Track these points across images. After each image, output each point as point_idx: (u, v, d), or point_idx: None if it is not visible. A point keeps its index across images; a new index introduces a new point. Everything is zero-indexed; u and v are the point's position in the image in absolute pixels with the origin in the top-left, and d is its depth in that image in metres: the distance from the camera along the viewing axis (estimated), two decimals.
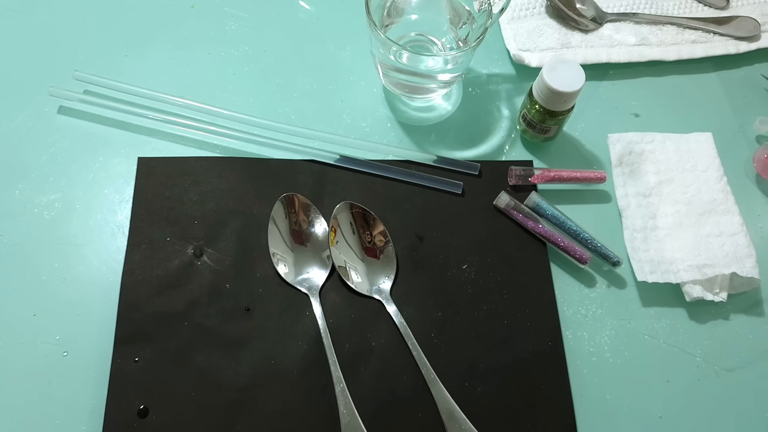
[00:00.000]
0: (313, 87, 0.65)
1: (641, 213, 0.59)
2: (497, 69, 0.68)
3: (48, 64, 0.63)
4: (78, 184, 0.58)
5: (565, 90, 0.55)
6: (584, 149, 0.64)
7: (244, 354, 0.52)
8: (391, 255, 0.56)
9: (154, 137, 0.61)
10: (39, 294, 0.53)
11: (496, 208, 0.59)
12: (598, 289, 0.57)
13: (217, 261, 0.55)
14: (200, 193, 0.57)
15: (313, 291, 0.54)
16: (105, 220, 0.57)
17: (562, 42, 0.67)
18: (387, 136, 0.63)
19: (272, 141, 0.60)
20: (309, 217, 0.56)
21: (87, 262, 0.55)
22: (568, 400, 0.52)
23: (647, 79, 0.68)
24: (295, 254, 0.55)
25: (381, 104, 0.65)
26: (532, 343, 0.54)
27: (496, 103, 0.65)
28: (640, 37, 0.68)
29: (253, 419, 0.49)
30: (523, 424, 0.51)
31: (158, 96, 0.61)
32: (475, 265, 0.56)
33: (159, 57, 0.65)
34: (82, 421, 0.49)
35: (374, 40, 0.57)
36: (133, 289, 0.53)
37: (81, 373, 0.51)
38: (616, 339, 0.55)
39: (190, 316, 0.52)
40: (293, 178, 0.59)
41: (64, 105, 0.61)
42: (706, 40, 0.69)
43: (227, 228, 0.56)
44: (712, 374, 0.54)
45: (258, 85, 0.65)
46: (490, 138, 0.64)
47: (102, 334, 0.52)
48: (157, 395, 0.50)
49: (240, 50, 0.66)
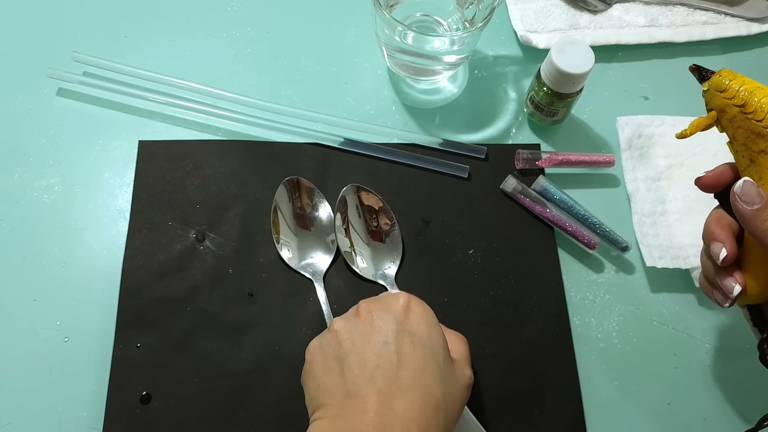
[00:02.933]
0: (317, 69, 0.64)
1: (650, 197, 0.58)
2: (504, 50, 0.66)
3: (47, 45, 0.62)
4: (78, 167, 0.57)
5: (575, 71, 0.54)
6: (592, 132, 0.62)
7: (247, 340, 0.51)
8: (397, 239, 0.55)
9: (154, 120, 0.60)
10: (39, 279, 0.52)
11: (502, 193, 0.58)
12: (606, 275, 0.56)
13: (220, 246, 0.54)
14: (202, 177, 0.57)
15: (317, 276, 0.53)
16: (105, 204, 0.56)
17: (570, 23, 0.66)
18: (392, 119, 0.62)
19: (275, 124, 0.59)
20: (313, 201, 0.56)
21: (87, 246, 0.54)
22: (575, 387, 0.51)
23: (657, 61, 0.67)
24: (299, 239, 0.54)
25: (386, 87, 0.64)
26: (539, 329, 0.53)
27: (502, 85, 0.64)
28: (650, 18, 0.67)
29: (257, 405, 0.49)
30: (530, 411, 0.50)
31: (159, 78, 0.60)
32: (481, 250, 0.56)
33: (159, 38, 0.64)
34: (83, 408, 0.48)
35: (379, 21, 0.56)
36: (134, 274, 0.52)
37: (82, 359, 0.50)
38: (624, 325, 0.54)
39: (192, 302, 0.52)
40: (297, 161, 0.58)
41: (63, 87, 0.60)
42: (717, 22, 0.68)
43: (230, 212, 0.55)
44: (721, 361, 0.54)
45: (260, 67, 0.63)
46: (496, 121, 0.62)
47: (103, 319, 0.51)
48: (160, 381, 0.49)
49: (242, 31, 0.65)
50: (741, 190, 0.39)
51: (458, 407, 0.41)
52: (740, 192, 0.39)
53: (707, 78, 0.41)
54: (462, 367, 0.43)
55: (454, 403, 0.41)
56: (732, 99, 0.40)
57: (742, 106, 0.39)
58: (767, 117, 0.38)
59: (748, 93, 0.39)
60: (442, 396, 0.39)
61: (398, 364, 0.39)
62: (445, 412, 0.39)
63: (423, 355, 0.40)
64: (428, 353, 0.40)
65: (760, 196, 0.38)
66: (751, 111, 0.39)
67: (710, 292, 0.44)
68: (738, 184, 0.39)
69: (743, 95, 0.39)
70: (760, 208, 0.38)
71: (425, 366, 0.39)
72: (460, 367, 0.42)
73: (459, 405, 0.41)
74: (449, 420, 0.39)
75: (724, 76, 0.40)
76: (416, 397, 0.38)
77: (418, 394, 0.38)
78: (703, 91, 0.41)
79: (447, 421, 0.39)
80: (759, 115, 0.39)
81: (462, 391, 0.42)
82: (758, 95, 0.39)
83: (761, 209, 0.38)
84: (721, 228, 0.41)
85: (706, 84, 0.41)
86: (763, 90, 0.39)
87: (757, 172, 0.40)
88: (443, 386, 0.39)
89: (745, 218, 0.39)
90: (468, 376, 0.43)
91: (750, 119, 0.39)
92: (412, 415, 0.37)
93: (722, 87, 0.40)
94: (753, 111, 0.39)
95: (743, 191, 0.38)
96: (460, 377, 0.42)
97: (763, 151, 0.39)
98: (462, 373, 0.42)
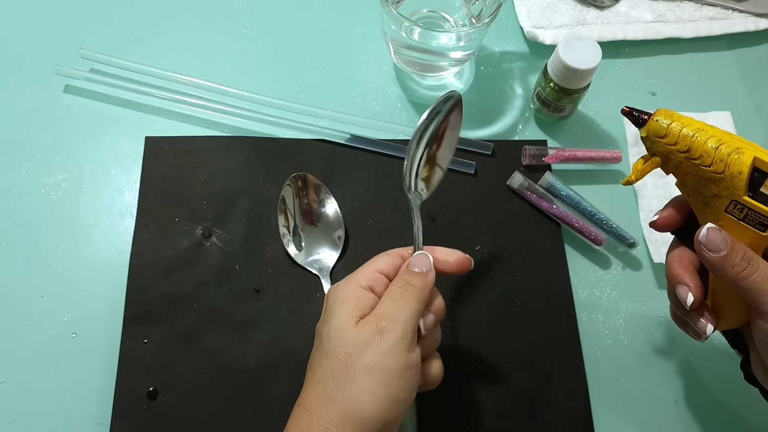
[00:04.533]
0: (323, 65, 0.64)
1: (657, 193, 0.58)
2: (510, 47, 0.66)
3: (53, 42, 0.62)
4: (85, 164, 0.57)
5: (582, 67, 0.54)
6: (599, 128, 0.62)
7: (253, 336, 0.51)
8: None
9: (161, 116, 0.60)
10: (46, 275, 0.53)
11: (509, 189, 0.58)
12: (614, 271, 0.56)
13: (226, 242, 0.54)
14: (209, 173, 0.57)
15: (323, 272, 0.53)
16: (112, 200, 0.56)
17: (576, 19, 0.66)
18: (398, 116, 0.62)
19: (281, 120, 0.59)
20: (319, 197, 0.56)
21: (95, 242, 0.54)
22: (582, 383, 0.51)
23: (664, 57, 0.67)
24: (306, 235, 0.54)
25: (392, 83, 0.63)
26: (546, 325, 0.53)
27: (509, 81, 0.64)
28: (657, 14, 0.67)
29: (263, 401, 0.49)
30: (537, 407, 0.50)
31: (165, 74, 0.60)
32: (488, 246, 0.56)
33: (166, 35, 0.64)
34: (91, 403, 0.49)
35: (385, 17, 0.56)
36: (141, 270, 0.52)
37: (90, 355, 0.50)
38: (631, 321, 0.54)
39: (199, 298, 0.52)
40: (303, 157, 0.58)
41: (70, 84, 0.60)
42: (724, 17, 0.67)
43: (236, 208, 0.55)
44: (728, 358, 0.53)
45: (267, 64, 0.63)
46: (503, 117, 0.62)
47: (110, 315, 0.51)
48: (167, 377, 0.49)
49: (248, 28, 0.65)
50: (706, 239, 0.36)
51: (368, 362, 0.37)
52: (705, 241, 0.36)
53: (643, 122, 0.37)
54: (363, 330, 0.38)
55: (350, 360, 0.37)
56: (675, 145, 0.36)
57: (687, 151, 0.36)
58: (716, 161, 0.35)
59: (691, 137, 0.36)
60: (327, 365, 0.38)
61: (310, 361, 0.40)
62: (336, 378, 0.37)
63: (317, 345, 0.40)
64: (319, 341, 0.40)
65: (725, 242, 0.36)
66: (698, 156, 0.36)
67: (683, 327, 0.43)
68: (702, 233, 0.37)
69: (687, 140, 0.36)
70: (726, 254, 0.36)
71: (315, 347, 0.40)
72: (364, 332, 0.38)
73: (368, 358, 0.37)
74: (359, 398, 0.36)
75: (661, 118, 0.37)
76: (309, 388, 0.38)
77: (311, 384, 0.38)
78: (641, 136, 0.38)
79: (344, 383, 0.37)
80: (707, 161, 0.36)
81: (359, 345, 0.37)
82: (701, 137, 0.36)
83: (728, 255, 0.36)
84: (684, 268, 0.40)
85: (644, 130, 0.37)
86: (705, 131, 0.36)
87: (713, 215, 0.37)
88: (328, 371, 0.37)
89: (713, 266, 0.37)
90: (368, 329, 0.38)
91: (697, 165, 0.36)
92: (309, 406, 0.37)
93: (662, 132, 0.37)
94: (699, 156, 0.36)
95: (708, 240, 0.36)
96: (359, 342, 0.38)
97: (716, 195, 0.36)
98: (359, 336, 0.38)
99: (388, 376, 0.37)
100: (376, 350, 0.37)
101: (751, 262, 0.36)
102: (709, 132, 0.36)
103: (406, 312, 0.39)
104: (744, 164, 0.35)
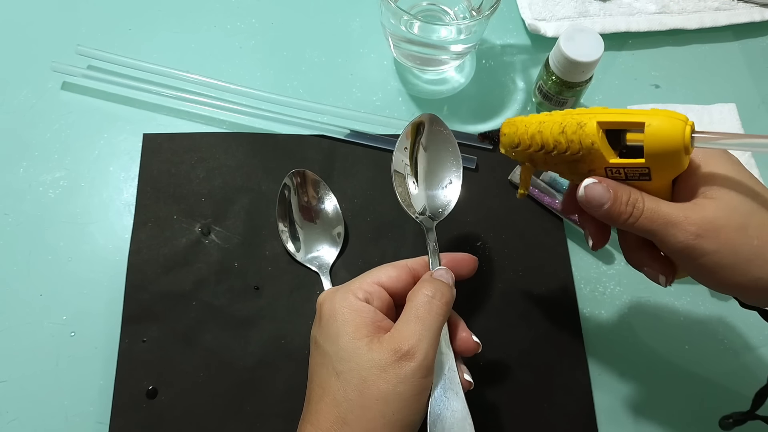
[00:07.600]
0: (322, 60, 0.63)
1: None
2: (512, 39, 0.66)
3: (51, 38, 0.62)
4: (83, 161, 0.57)
5: (584, 60, 0.53)
6: None
7: (253, 334, 0.51)
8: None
9: (159, 113, 0.59)
10: (45, 274, 0.52)
11: (511, 183, 0.57)
12: (617, 266, 0.55)
13: (225, 239, 0.54)
14: (207, 170, 0.56)
15: (323, 269, 0.53)
16: (111, 198, 0.55)
17: (579, 10, 0.65)
18: (398, 110, 0.61)
19: (280, 116, 0.59)
20: (319, 193, 0.55)
21: (93, 240, 0.54)
22: (585, 379, 0.51)
23: (668, 49, 0.66)
24: (305, 231, 0.54)
25: (392, 77, 0.63)
26: (548, 320, 0.52)
27: (510, 74, 0.64)
28: (661, 5, 0.66)
29: (263, 399, 0.49)
30: (540, 403, 0.50)
31: (163, 71, 0.59)
32: (489, 241, 0.55)
33: (164, 31, 0.64)
34: (90, 402, 0.48)
35: (385, 10, 0.55)
36: (139, 268, 0.52)
37: (88, 354, 0.50)
38: (634, 316, 0.54)
39: (198, 296, 0.52)
40: (302, 153, 0.57)
41: (67, 81, 0.60)
42: (729, 8, 0.67)
43: (235, 205, 0.55)
44: (733, 352, 0.53)
45: (265, 59, 0.63)
46: (504, 111, 0.62)
47: (109, 313, 0.51)
48: (166, 375, 0.49)
49: (246, 23, 0.65)
50: (585, 197, 0.36)
51: (384, 389, 0.36)
52: (585, 199, 0.36)
53: (497, 141, 0.40)
54: (378, 346, 0.37)
55: (365, 385, 0.36)
56: (530, 148, 0.38)
57: (542, 148, 0.38)
58: (569, 143, 0.36)
59: (538, 133, 0.38)
60: (339, 387, 0.37)
61: (311, 372, 0.40)
62: (350, 402, 0.36)
63: (314, 351, 0.40)
64: (320, 354, 0.39)
65: (607, 192, 0.36)
66: (552, 147, 0.37)
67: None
68: (580, 193, 0.37)
69: (535, 138, 0.38)
70: (611, 204, 0.36)
71: (319, 362, 0.39)
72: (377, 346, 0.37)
73: (383, 386, 0.36)
74: (367, 406, 0.36)
75: (507, 132, 0.39)
76: (321, 407, 0.37)
77: (322, 403, 0.37)
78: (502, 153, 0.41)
79: (359, 407, 0.36)
80: (562, 147, 0.37)
81: (374, 370, 0.36)
82: (545, 129, 0.37)
83: (613, 205, 0.36)
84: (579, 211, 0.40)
85: (501, 147, 0.40)
86: (546, 122, 0.37)
87: None
88: (341, 393, 0.37)
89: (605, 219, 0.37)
90: (385, 353, 0.37)
91: (558, 155, 0.37)
92: (321, 426, 0.36)
93: (514, 143, 0.39)
94: (554, 146, 0.37)
95: (589, 197, 0.36)
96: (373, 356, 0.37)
97: (591, 170, 0.37)
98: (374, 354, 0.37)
99: (403, 403, 0.36)
100: (392, 377, 0.36)
101: (636, 204, 0.36)
102: (550, 120, 0.37)
103: (431, 334, 0.38)
104: (591, 135, 0.36)
